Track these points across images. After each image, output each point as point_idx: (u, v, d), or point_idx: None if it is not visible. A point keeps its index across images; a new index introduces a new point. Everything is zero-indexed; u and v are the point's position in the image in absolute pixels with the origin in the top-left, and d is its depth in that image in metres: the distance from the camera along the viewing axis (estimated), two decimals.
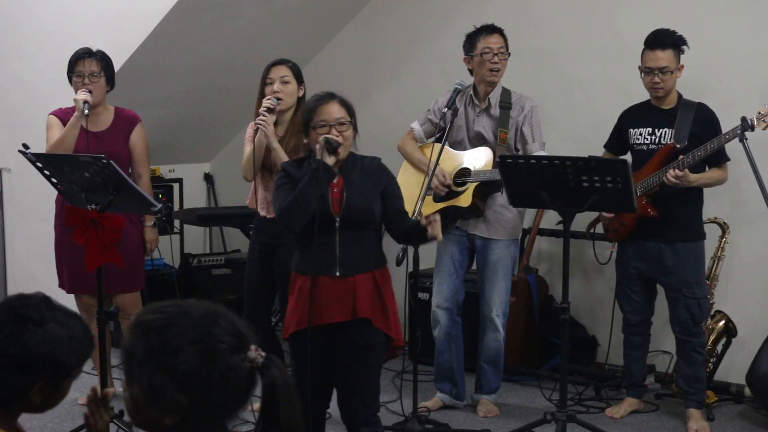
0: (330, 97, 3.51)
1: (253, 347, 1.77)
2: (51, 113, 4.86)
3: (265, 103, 4.32)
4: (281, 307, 3.99)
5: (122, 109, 4.89)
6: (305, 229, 3.42)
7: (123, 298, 4.81)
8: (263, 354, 1.77)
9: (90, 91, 4.64)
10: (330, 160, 3.41)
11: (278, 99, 4.34)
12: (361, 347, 3.47)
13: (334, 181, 3.48)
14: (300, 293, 3.49)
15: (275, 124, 4.34)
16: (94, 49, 4.81)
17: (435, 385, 4.94)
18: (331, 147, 3.41)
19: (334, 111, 3.47)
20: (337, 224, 3.44)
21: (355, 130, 3.53)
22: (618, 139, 4.72)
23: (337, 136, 3.44)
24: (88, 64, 4.71)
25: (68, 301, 5.25)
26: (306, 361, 3.41)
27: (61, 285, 4.95)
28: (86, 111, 4.55)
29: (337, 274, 3.44)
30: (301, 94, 4.45)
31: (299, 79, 4.46)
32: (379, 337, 3.47)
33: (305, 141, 3.58)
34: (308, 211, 3.39)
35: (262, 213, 4.47)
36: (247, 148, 4.41)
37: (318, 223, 3.38)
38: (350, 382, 3.51)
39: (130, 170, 4.83)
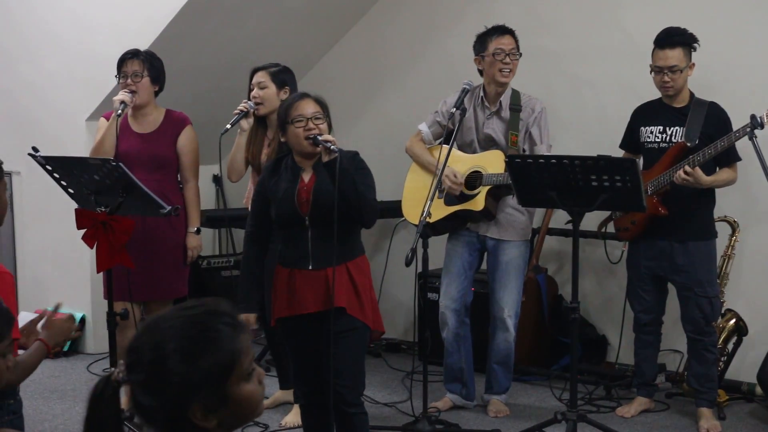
0: (304, 95, 3.66)
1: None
2: (103, 115, 4.76)
3: (240, 106, 4.48)
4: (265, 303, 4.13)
5: (172, 111, 4.78)
6: (280, 226, 3.64)
7: (151, 304, 4.69)
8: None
9: (133, 92, 4.57)
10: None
11: (257, 104, 4.48)
12: (338, 332, 3.56)
13: (305, 180, 3.60)
14: (281, 284, 3.67)
15: (264, 127, 4.55)
16: (142, 49, 4.75)
17: (444, 386, 4.92)
18: (317, 142, 3.53)
19: (310, 106, 3.59)
20: (307, 222, 3.57)
21: (330, 126, 3.63)
22: (632, 138, 4.71)
23: (313, 129, 3.55)
24: (130, 65, 4.62)
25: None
26: (294, 343, 3.69)
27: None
28: (120, 112, 4.48)
29: (310, 267, 3.59)
30: (284, 97, 4.48)
31: (280, 83, 4.52)
32: (356, 321, 3.59)
33: (282, 139, 3.69)
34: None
35: None
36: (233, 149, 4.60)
37: (280, 222, 3.61)
38: (334, 365, 3.58)
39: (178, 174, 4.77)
